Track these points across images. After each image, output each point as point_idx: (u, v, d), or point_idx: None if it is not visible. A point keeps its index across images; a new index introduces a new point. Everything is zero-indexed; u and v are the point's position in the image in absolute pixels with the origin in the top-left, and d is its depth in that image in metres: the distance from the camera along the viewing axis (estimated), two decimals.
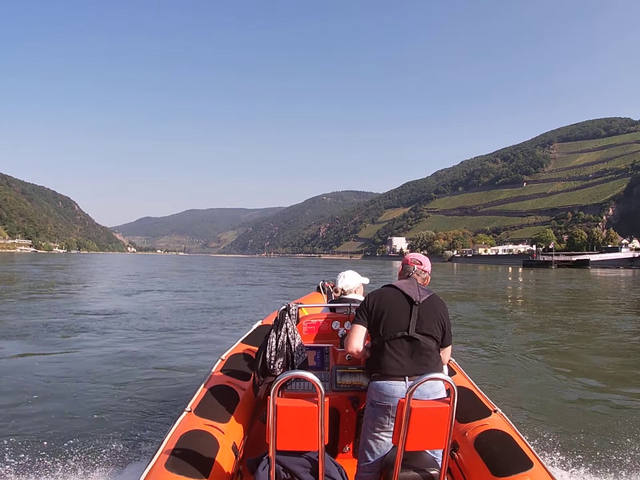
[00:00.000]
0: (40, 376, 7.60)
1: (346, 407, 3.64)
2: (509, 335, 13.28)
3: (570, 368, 9.19)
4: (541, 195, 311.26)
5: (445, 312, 3.13)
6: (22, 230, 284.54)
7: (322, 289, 6.44)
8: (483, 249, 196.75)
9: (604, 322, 16.37)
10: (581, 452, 4.85)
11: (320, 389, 2.39)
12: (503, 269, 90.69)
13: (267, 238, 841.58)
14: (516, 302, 24.96)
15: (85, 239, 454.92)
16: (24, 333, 11.43)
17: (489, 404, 3.63)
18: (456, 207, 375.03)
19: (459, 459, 3.21)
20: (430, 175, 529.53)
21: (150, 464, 2.74)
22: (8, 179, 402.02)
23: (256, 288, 29.94)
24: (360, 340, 3.10)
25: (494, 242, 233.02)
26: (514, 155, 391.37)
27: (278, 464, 2.63)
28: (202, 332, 12.34)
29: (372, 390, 2.99)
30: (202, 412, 3.30)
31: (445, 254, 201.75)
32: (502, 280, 49.28)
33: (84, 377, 7.68)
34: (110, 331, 12.03)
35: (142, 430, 5.16)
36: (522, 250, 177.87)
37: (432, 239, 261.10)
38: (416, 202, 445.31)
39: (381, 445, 2.93)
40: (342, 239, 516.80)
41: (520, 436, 3.19)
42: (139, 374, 7.94)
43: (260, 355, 3.44)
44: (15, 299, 19.17)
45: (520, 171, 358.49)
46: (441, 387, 2.90)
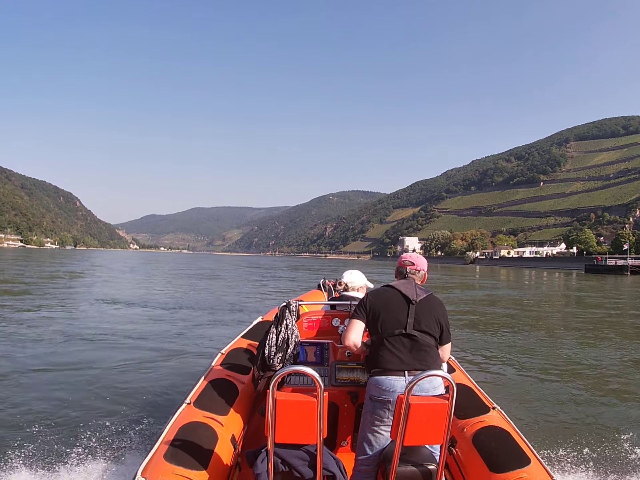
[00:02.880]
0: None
1: (345, 402, 3.67)
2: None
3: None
4: (560, 196, 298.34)
5: (443, 310, 3.20)
6: (13, 225, 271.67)
7: (323, 286, 6.47)
8: (505, 250, 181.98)
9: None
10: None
11: (319, 384, 2.41)
12: (551, 275, 73.21)
13: (273, 237, 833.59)
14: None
15: (86, 235, 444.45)
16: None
17: (488, 400, 3.67)
18: (469, 207, 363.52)
19: (456, 454, 3.23)
20: (440, 175, 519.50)
21: (149, 454, 2.76)
22: (8, 172, 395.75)
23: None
24: (357, 334, 3.16)
25: (516, 243, 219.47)
26: (529, 154, 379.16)
27: (276, 456, 2.64)
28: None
29: (371, 385, 3.04)
30: (201, 404, 3.33)
31: (467, 255, 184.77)
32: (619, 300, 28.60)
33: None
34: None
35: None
36: (553, 252, 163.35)
37: (448, 239, 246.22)
38: (426, 202, 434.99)
39: (380, 439, 2.98)
40: (349, 238, 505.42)
41: (519, 433, 3.21)
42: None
43: (261, 350, 3.48)
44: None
45: (537, 170, 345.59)
46: (440, 382, 2.95)
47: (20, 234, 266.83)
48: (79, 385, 6.82)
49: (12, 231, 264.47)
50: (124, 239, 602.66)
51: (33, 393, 6.40)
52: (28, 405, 5.89)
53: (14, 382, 6.92)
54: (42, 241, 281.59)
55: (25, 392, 6.43)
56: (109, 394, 6.42)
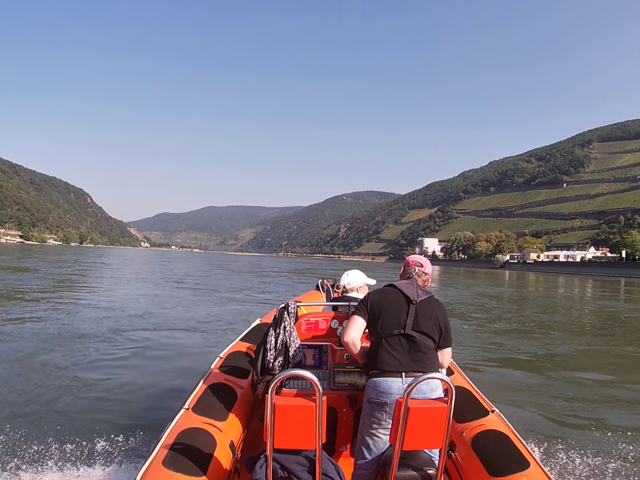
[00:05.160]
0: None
1: (344, 406, 3.64)
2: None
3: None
4: (585, 197, 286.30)
5: (444, 313, 3.17)
6: (15, 220, 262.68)
7: (321, 287, 6.33)
8: (535, 254, 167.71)
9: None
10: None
11: (318, 388, 2.39)
12: (608, 285, 57.12)
13: (285, 237, 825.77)
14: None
15: (95, 232, 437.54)
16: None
17: (487, 404, 3.64)
18: (489, 208, 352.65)
19: (456, 458, 3.21)
20: (457, 176, 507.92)
21: (148, 460, 2.75)
22: (17, 168, 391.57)
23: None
24: (357, 330, 3.13)
25: (544, 246, 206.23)
26: (550, 155, 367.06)
27: (275, 462, 2.64)
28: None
29: (369, 388, 3.02)
30: (200, 409, 3.31)
31: (497, 258, 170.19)
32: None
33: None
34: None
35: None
36: (586, 256, 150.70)
37: (471, 241, 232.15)
38: (443, 203, 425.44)
39: (378, 442, 2.96)
40: (363, 239, 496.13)
41: (518, 436, 3.19)
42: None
43: (259, 353, 3.45)
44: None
45: (559, 171, 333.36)
46: (438, 385, 2.94)
47: (22, 230, 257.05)
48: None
49: (14, 226, 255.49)
50: (135, 237, 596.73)
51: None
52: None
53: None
54: (43, 237, 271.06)
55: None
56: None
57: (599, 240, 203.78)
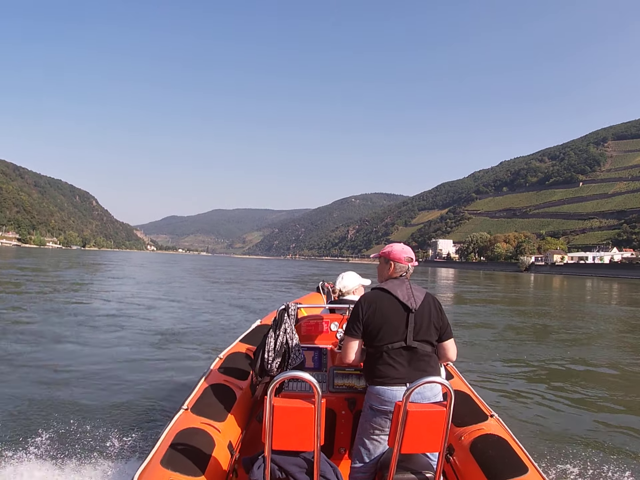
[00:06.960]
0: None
1: (343, 409, 3.61)
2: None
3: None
4: (603, 197, 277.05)
5: (440, 310, 3.07)
6: (14, 222, 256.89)
7: (322, 289, 6.31)
8: (558, 255, 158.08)
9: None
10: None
11: (317, 390, 2.39)
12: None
13: (293, 240, 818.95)
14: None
15: (100, 235, 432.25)
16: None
17: (486, 408, 3.62)
18: (502, 208, 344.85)
19: (454, 462, 3.20)
20: (467, 177, 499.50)
21: (146, 460, 2.76)
22: (21, 170, 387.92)
23: None
24: (355, 353, 3.05)
25: (566, 247, 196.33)
26: (564, 154, 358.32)
27: (273, 463, 2.64)
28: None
29: (372, 395, 2.95)
30: (199, 410, 3.31)
31: (522, 261, 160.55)
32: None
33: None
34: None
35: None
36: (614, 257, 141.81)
37: (488, 242, 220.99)
38: (454, 204, 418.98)
39: (377, 447, 2.94)
40: (372, 242, 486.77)
41: (516, 441, 3.17)
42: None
43: (259, 355, 3.43)
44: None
45: (574, 170, 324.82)
46: (440, 390, 2.91)
47: (24, 232, 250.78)
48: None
49: (12, 229, 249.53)
50: (141, 240, 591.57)
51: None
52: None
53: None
54: (42, 240, 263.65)
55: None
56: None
57: (620, 241, 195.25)
